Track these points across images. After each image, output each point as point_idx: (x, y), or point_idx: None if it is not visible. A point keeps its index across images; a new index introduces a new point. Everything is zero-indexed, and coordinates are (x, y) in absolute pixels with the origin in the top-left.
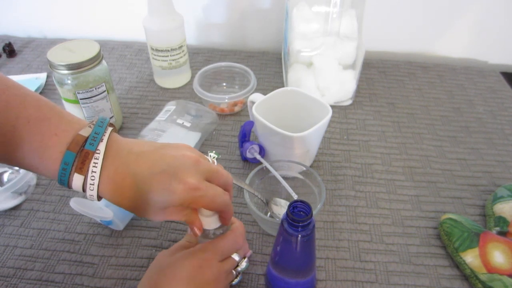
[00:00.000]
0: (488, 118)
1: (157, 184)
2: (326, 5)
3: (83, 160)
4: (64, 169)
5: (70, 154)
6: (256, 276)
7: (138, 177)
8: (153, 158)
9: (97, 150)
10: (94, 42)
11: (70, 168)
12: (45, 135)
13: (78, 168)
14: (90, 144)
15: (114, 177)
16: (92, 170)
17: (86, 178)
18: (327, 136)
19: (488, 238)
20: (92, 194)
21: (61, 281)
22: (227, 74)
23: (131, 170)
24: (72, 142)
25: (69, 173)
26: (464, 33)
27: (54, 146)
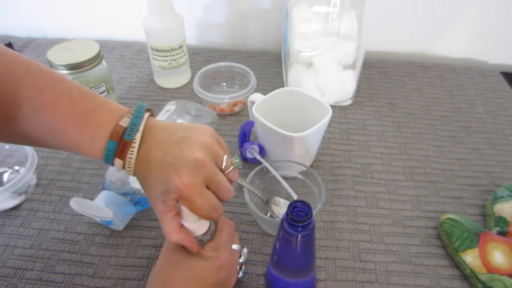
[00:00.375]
0: (488, 118)
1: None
2: (326, 5)
3: (122, 149)
4: (108, 155)
5: (112, 144)
6: (256, 276)
7: (152, 163)
8: (167, 149)
9: (134, 140)
10: (94, 42)
11: (113, 154)
12: (92, 129)
13: (118, 155)
14: (128, 135)
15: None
16: (129, 156)
17: (125, 162)
18: (327, 136)
19: (488, 238)
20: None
21: (61, 281)
22: (227, 74)
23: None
24: (113, 133)
25: (112, 158)
26: (464, 33)
27: (100, 138)
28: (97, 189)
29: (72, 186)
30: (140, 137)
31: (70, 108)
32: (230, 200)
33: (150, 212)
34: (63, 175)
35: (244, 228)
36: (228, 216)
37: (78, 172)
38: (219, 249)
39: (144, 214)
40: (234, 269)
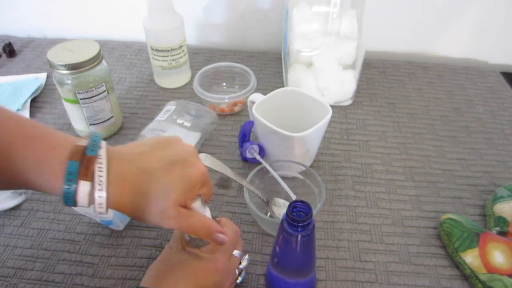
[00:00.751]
0: (488, 118)
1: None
2: (326, 5)
3: (87, 166)
4: (69, 179)
5: (73, 163)
6: (256, 276)
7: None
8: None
9: (99, 155)
10: (94, 42)
11: (75, 177)
12: (42, 150)
13: (83, 175)
14: (91, 150)
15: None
16: (99, 174)
17: (94, 183)
18: (327, 136)
19: (488, 238)
20: (101, 202)
21: (61, 281)
22: (227, 74)
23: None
24: (72, 153)
25: (75, 182)
26: (464, 33)
27: (53, 159)
28: None
29: None
30: (105, 152)
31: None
32: (230, 200)
33: None
34: None
35: (244, 228)
36: (228, 216)
37: None
38: (217, 252)
39: None
40: (230, 274)
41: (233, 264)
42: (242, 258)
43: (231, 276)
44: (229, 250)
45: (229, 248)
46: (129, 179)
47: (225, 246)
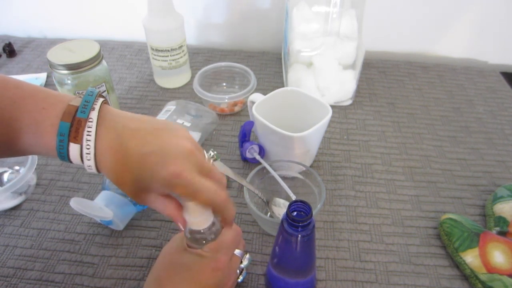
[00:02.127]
0: (488, 118)
1: (143, 164)
2: (326, 5)
3: (77, 129)
4: (61, 140)
5: (64, 125)
6: (256, 276)
7: (129, 152)
8: (147, 138)
9: (89, 118)
10: (94, 42)
11: (67, 139)
12: (32, 111)
13: (72, 137)
14: (81, 112)
15: (108, 149)
16: (87, 139)
17: (82, 147)
18: (327, 136)
19: (488, 238)
20: (90, 165)
21: (61, 281)
22: (227, 74)
23: (124, 145)
24: (64, 113)
25: (67, 144)
26: (464, 33)
27: (44, 120)
28: (97, 189)
29: (72, 186)
30: (96, 116)
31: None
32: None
33: (150, 212)
34: (63, 175)
35: (244, 228)
36: None
37: (78, 172)
38: (218, 251)
39: (144, 214)
40: (231, 274)
41: (235, 264)
42: (243, 257)
43: (233, 276)
44: (231, 249)
45: (231, 247)
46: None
47: (226, 245)
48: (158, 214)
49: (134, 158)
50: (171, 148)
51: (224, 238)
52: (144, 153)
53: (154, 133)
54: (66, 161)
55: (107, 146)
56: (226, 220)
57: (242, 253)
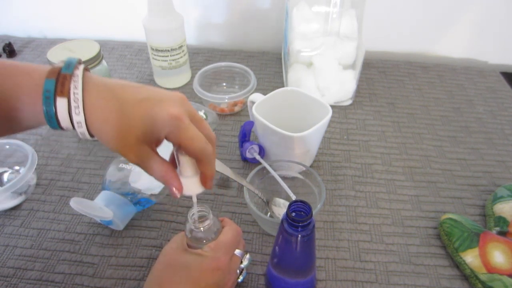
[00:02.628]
0: (488, 118)
1: (140, 110)
2: (326, 5)
3: (62, 83)
4: (48, 97)
5: (49, 81)
6: (256, 276)
7: (122, 100)
8: (138, 88)
9: (74, 73)
10: (94, 42)
11: (53, 94)
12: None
13: (59, 92)
14: (66, 68)
15: (98, 100)
16: (74, 92)
17: (70, 102)
18: (327, 136)
19: (488, 238)
20: (80, 121)
21: (61, 281)
22: (227, 74)
23: (116, 94)
24: (48, 73)
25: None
26: (464, 33)
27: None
28: (97, 189)
29: (72, 186)
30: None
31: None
32: (230, 200)
33: (150, 212)
34: (63, 175)
35: (244, 228)
36: (228, 216)
37: (78, 172)
38: (219, 250)
39: (144, 214)
40: (231, 273)
41: (235, 264)
42: (243, 257)
43: (233, 275)
44: (231, 249)
45: (231, 247)
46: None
47: (227, 245)
48: (158, 214)
49: (129, 104)
50: (166, 94)
51: (224, 238)
52: (140, 99)
53: (145, 87)
54: (54, 124)
55: (97, 97)
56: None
57: (242, 253)
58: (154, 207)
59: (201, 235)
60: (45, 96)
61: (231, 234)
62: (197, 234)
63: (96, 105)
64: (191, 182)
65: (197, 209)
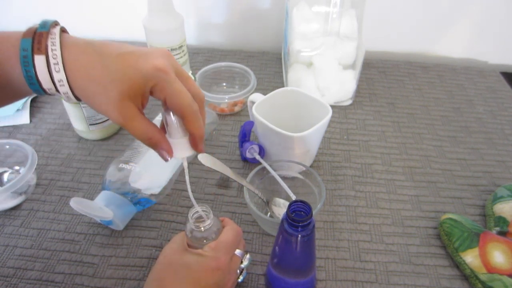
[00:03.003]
0: (488, 118)
1: (124, 62)
2: (326, 5)
3: (39, 41)
4: (25, 56)
5: (26, 40)
6: (256, 276)
7: (105, 55)
8: (121, 44)
9: (51, 31)
10: None
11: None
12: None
13: (36, 49)
14: (42, 27)
15: (78, 55)
16: (52, 48)
17: (48, 58)
18: (327, 136)
19: (488, 238)
20: (61, 79)
21: (61, 281)
22: (227, 74)
23: (97, 49)
24: (24, 34)
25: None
26: (464, 33)
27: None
28: (97, 189)
29: (72, 186)
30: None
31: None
32: (230, 200)
33: (150, 212)
34: (63, 175)
35: (244, 228)
36: (228, 216)
37: (78, 172)
38: (219, 250)
39: (144, 214)
40: (231, 273)
41: (235, 264)
42: (243, 257)
43: (233, 275)
44: (231, 249)
45: (231, 247)
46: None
47: (227, 244)
48: (158, 214)
49: (112, 58)
50: (150, 49)
51: (224, 238)
52: (123, 52)
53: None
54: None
55: (77, 52)
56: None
57: (243, 253)
58: (154, 207)
59: (202, 234)
60: (22, 55)
61: (231, 234)
62: (197, 233)
63: (77, 61)
64: (180, 144)
65: (198, 209)
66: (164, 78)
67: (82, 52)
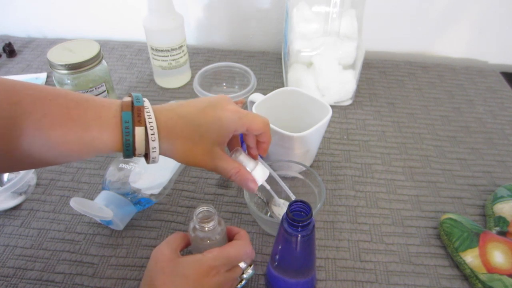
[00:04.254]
0: (488, 118)
1: (205, 117)
2: (326, 5)
3: (139, 114)
4: (127, 127)
5: (127, 113)
6: (256, 276)
7: (188, 116)
8: (194, 102)
9: (145, 106)
10: (94, 42)
11: (131, 124)
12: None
13: (136, 122)
14: (137, 102)
15: (167, 122)
16: (149, 121)
17: (146, 129)
18: (327, 136)
19: (488, 238)
20: (155, 146)
21: (61, 281)
22: (227, 74)
23: (179, 113)
24: (122, 106)
25: (132, 130)
26: (464, 33)
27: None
28: (97, 189)
29: (72, 186)
30: (149, 103)
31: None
32: (230, 200)
33: (150, 212)
34: (63, 175)
35: (244, 228)
36: (228, 216)
37: (78, 172)
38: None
39: (144, 214)
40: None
41: (234, 273)
42: (246, 269)
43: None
44: (231, 263)
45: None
46: (170, 125)
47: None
48: (158, 214)
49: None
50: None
51: (227, 249)
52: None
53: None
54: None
55: (165, 121)
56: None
57: (246, 265)
58: (154, 207)
59: (205, 235)
60: (124, 126)
61: (237, 249)
62: (200, 233)
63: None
64: (258, 171)
65: (203, 209)
66: (240, 116)
67: (170, 119)
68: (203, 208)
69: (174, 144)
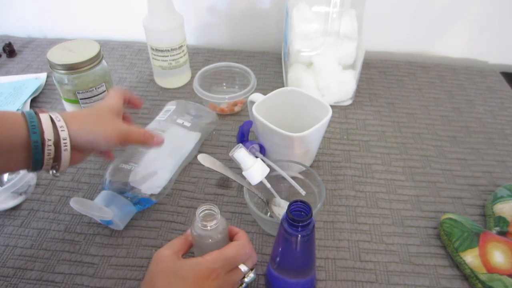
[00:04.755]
0: (488, 118)
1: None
2: (326, 5)
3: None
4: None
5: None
6: (256, 276)
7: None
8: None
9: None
10: (94, 42)
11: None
12: None
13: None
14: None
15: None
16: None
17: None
18: (327, 136)
19: (488, 238)
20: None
21: (61, 281)
22: (227, 74)
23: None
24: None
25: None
26: (464, 33)
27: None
28: (97, 189)
29: (72, 186)
30: None
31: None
32: (230, 200)
33: (150, 212)
34: (63, 175)
35: (244, 228)
36: (228, 216)
37: (78, 172)
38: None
39: (144, 214)
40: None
41: (234, 277)
42: (247, 273)
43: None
44: (231, 264)
45: (232, 263)
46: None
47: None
48: (158, 214)
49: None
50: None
51: (226, 251)
52: None
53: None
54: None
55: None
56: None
57: (248, 269)
58: (154, 207)
59: (207, 233)
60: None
61: (235, 250)
62: (202, 232)
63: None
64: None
65: (206, 208)
66: None
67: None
68: (205, 206)
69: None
